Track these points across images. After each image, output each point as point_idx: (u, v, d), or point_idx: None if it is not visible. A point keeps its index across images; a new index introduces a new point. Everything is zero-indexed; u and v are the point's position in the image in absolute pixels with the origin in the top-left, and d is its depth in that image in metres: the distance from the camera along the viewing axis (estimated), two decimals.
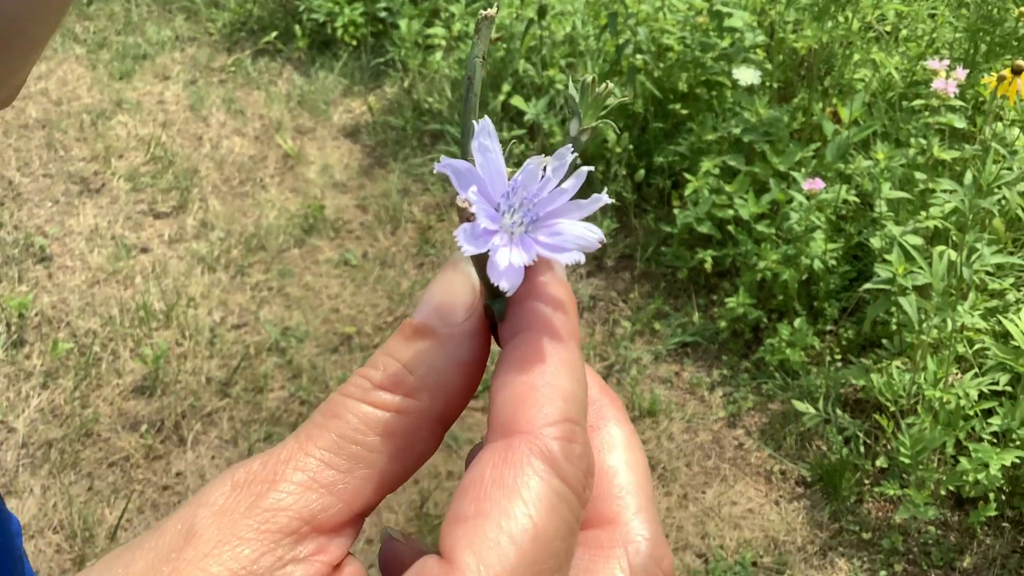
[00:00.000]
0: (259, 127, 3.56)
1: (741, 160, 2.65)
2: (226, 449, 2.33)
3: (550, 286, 0.32)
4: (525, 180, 0.32)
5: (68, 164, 3.32)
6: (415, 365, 0.32)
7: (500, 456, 0.28)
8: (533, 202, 0.32)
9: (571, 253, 0.31)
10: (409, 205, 3.16)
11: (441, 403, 0.32)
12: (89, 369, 2.51)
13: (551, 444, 0.28)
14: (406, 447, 0.31)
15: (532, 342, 0.31)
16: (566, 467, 0.28)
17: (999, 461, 1.88)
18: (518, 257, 0.30)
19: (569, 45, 3.20)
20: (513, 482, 0.28)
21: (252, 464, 0.30)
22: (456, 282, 0.33)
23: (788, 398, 2.36)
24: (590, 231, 0.32)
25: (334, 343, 2.64)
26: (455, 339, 0.32)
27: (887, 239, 2.25)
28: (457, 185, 0.31)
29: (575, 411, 0.30)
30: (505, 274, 0.30)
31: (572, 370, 0.30)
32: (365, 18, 3.89)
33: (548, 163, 0.32)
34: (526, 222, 0.32)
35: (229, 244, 2.97)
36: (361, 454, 0.30)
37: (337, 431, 0.30)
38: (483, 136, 0.32)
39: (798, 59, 2.83)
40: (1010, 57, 2.49)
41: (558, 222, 0.32)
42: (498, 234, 0.31)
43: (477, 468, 0.28)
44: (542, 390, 0.29)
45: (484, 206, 0.31)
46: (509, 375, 0.30)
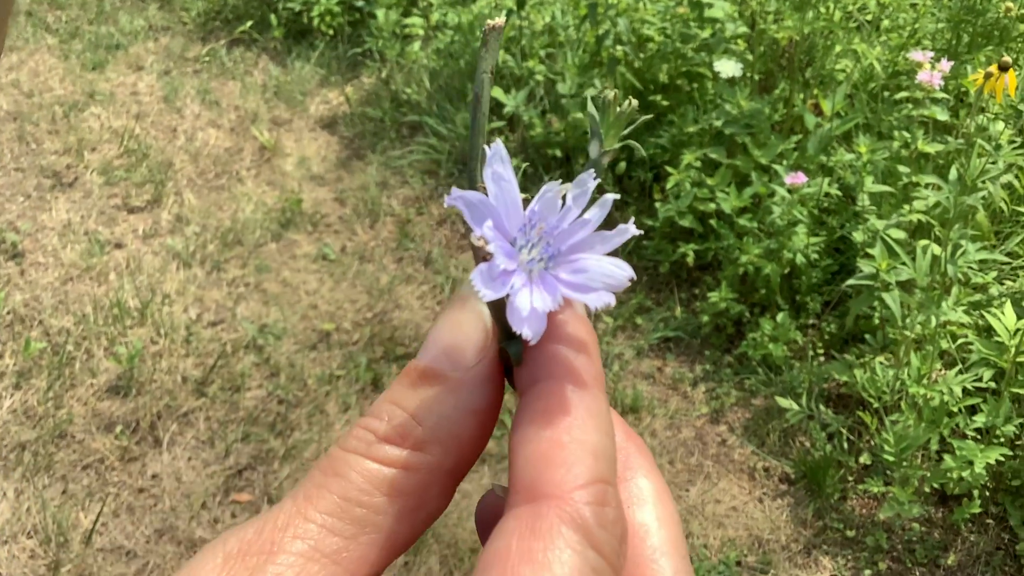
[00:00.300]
0: (235, 119, 3.51)
1: (723, 153, 2.62)
2: (203, 450, 2.30)
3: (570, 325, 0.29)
4: (543, 211, 0.29)
5: (40, 158, 3.26)
6: (423, 415, 0.29)
7: (527, 525, 0.25)
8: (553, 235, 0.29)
9: (599, 294, 0.28)
10: (388, 198, 3.12)
11: (453, 456, 0.29)
12: (63, 369, 2.47)
13: (583, 510, 0.26)
14: (416, 506, 0.29)
15: (555, 391, 0.28)
16: (600, 535, 0.26)
17: (984, 459, 1.87)
18: (540, 301, 0.28)
19: (549, 35, 3.17)
20: (544, 557, 0.25)
21: (246, 531, 0.27)
22: (466, 321, 0.30)
23: (771, 394, 2.34)
24: (618, 267, 0.29)
25: (312, 340, 2.61)
26: (467, 385, 0.29)
27: (870, 233, 2.24)
28: (471, 220, 0.28)
29: (606, 469, 0.27)
30: (528, 320, 0.27)
31: (600, 422, 0.28)
32: (342, 7, 3.84)
33: (568, 191, 0.29)
34: (546, 258, 0.29)
35: (205, 239, 2.92)
36: (367, 517, 0.28)
37: (339, 492, 0.28)
38: (496, 163, 0.29)
39: (779, 50, 2.80)
40: (992, 48, 2.48)
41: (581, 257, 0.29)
42: (516, 274, 0.28)
43: (502, 539, 0.26)
44: (569, 447, 0.27)
45: (501, 243, 0.28)
46: (532, 430, 0.27)
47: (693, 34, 2.76)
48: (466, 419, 0.29)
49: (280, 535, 0.27)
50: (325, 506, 0.28)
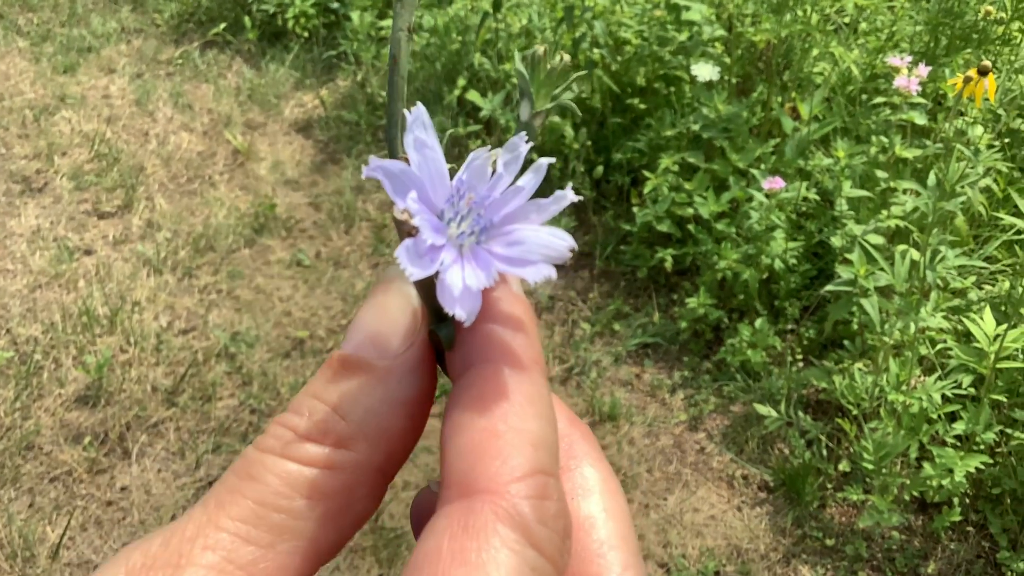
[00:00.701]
0: (207, 122, 3.47)
1: (700, 157, 2.60)
2: (173, 461, 2.25)
3: (505, 303, 0.26)
4: (472, 179, 0.26)
5: (9, 162, 3.21)
6: (347, 408, 0.26)
7: (459, 523, 0.23)
8: (484, 206, 0.27)
9: (538, 267, 0.25)
10: (363, 203, 3.08)
11: (381, 452, 0.26)
12: (30, 379, 2.42)
13: (521, 505, 0.23)
14: (341, 508, 0.26)
15: (491, 376, 0.25)
16: (540, 532, 0.23)
17: (964, 467, 1.85)
18: (474, 277, 0.25)
19: (526, 38, 3.14)
20: (478, 558, 0.22)
21: (151, 544, 0.24)
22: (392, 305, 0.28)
23: (750, 400, 2.32)
24: (557, 237, 0.26)
25: (286, 348, 2.57)
26: (394, 373, 0.27)
27: (848, 238, 2.22)
28: (391, 192, 0.26)
29: (546, 459, 0.24)
30: (460, 300, 0.24)
31: (540, 408, 0.25)
32: (316, 9, 3.80)
33: (498, 157, 0.27)
34: (477, 230, 0.26)
35: (176, 245, 2.88)
36: (285, 523, 0.25)
37: (255, 497, 0.25)
38: (417, 128, 0.26)
39: (757, 53, 2.78)
40: (971, 51, 2.47)
41: (516, 228, 0.27)
42: (446, 249, 0.26)
43: (432, 539, 0.23)
44: (506, 436, 0.24)
45: (427, 216, 0.26)
46: (465, 418, 0.25)
47: (670, 37, 2.74)
48: (395, 411, 0.27)
49: (189, 546, 0.24)
50: (239, 513, 0.25)
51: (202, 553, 0.24)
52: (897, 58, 2.06)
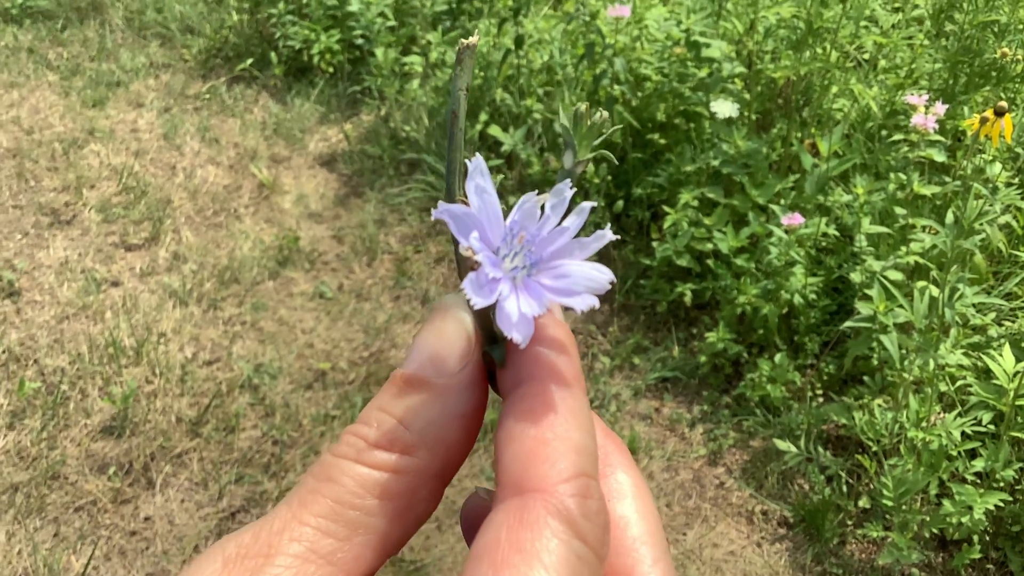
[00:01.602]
0: (234, 156, 3.52)
1: (720, 192, 2.62)
2: (196, 492, 2.28)
3: (550, 328, 0.30)
4: (523, 220, 0.30)
5: (39, 195, 3.26)
6: (411, 420, 0.30)
7: (515, 517, 0.27)
8: (534, 243, 0.30)
9: (583, 297, 0.29)
10: (386, 236, 3.12)
11: (440, 459, 0.30)
12: (57, 409, 2.46)
13: (568, 502, 0.27)
14: (406, 508, 0.30)
15: (539, 391, 0.29)
16: (584, 526, 0.27)
17: (983, 504, 1.85)
18: (528, 306, 0.29)
19: (547, 74, 3.17)
20: (532, 546, 0.26)
21: (243, 536, 0.28)
22: (449, 329, 0.31)
23: (769, 435, 2.33)
24: (599, 272, 0.30)
25: (308, 379, 2.59)
26: (452, 390, 0.30)
27: (867, 274, 2.23)
28: (456, 232, 0.29)
29: (588, 464, 0.28)
30: (517, 325, 0.28)
31: (582, 420, 0.29)
32: (342, 45, 3.86)
33: (546, 200, 0.30)
34: (528, 265, 0.30)
35: (202, 277, 2.92)
36: (359, 519, 0.29)
37: (332, 496, 0.29)
38: (477, 176, 0.30)
39: (776, 89, 2.81)
40: (990, 89, 2.48)
41: (563, 263, 0.30)
42: (503, 281, 0.29)
43: (491, 530, 0.27)
44: (553, 444, 0.28)
45: (487, 252, 0.29)
46: (518, 428, 0.28)
47: (690, 74, 2.77)
48: (452, 423, 0.30)
49: (277, 538, 0.28)
50: (319, 510, 0.28)
51: (289, 544, 0.28)
52: (915, 96, 2.08)
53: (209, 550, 0.28)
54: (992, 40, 2.49)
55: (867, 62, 2.86)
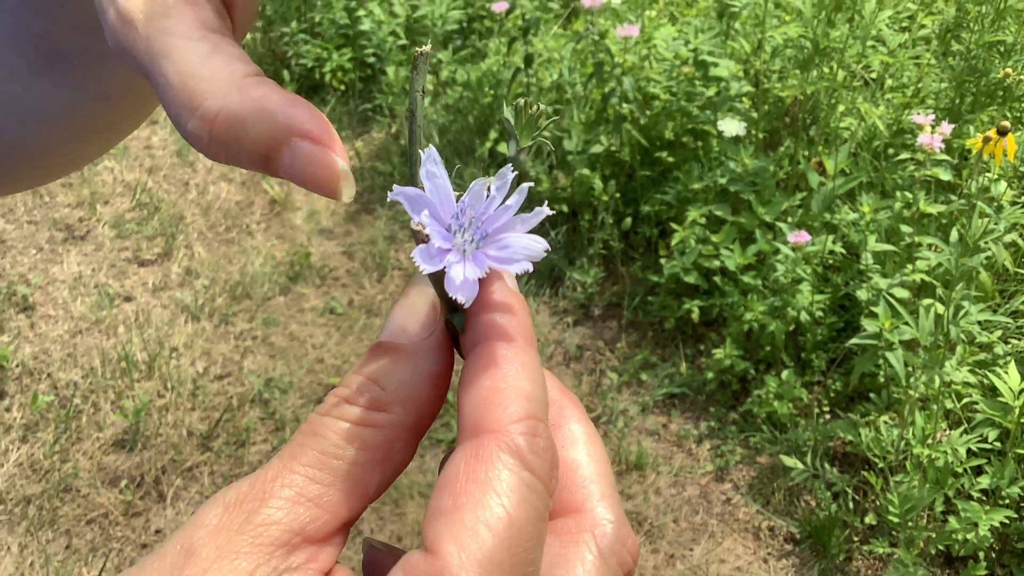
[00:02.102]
0: (246, 172, 3.55)
1: (727, 210, 2.64)
2: None
3: (498, 293, 0.34)
4: (472, 200, 0.34)
5: (53, 211, 3.30)
6: (386, 381, 0.34)
7: (472, 454, 0.30)
8: (481, 220, 0.34)
9: (520, 263, 0.33)
10: (396, 252, 3.15)
11: (413, 415, 0.34)
12: (69, 422, 2.48)
13: (517, 439, 0.31)
14: (383, 458, 0.33)
15: (492, 349, 0.33)
16: (532, 459, 0.30)
17: (988, 521, 1.86)
18: (472, 271, 0.33)
19: (556, 92, 3.20)
20: (485, 476, 0.30)
21: (241, 485, 0.32)
22: (417, 301, 0.35)
23: (776, 452, 2.34)
24: (535, 242, 0.34)
25: (318, 394, 2.61)
26: (421, 353, 0.34)
27: (874, 291, 2.24)
28: (410, 210, 0.34)
29: (537, 409, 0.32)
30: (461, 288, 0.32)
31: (531, 372, 0.33)
32: (353, 63, 3.90)
33: (492, 183, 0.35)
34: (477, 239, 0.34)
35: (214, 292, 2.95)
36: (342, 468, 0.32)
37: (318, 448, 0.32)
38: (430, 164, 0.34)
39: (783, 108, 2.83)
40: (996, 108, 2.50)
41: (505, 236, 0.34)
42: (452, 252, 0.33)
43: (452, 466, 0.30)
44: (505, 392, 0.32)
45: (437, 228, 0.33)
46: (474, 380, 0.32)
47: (698, 92, 2.79)
48: (422, 382, 0.34)
49: (270, 485, 0.31)
50: (307, 460, 0.32)
51: (281, 489, 0.31)
52: (921, 115, 2.10)
53: (212, 498, 0.32)
54: (998, 60, 2.51)
55: (874, 81, 2.88)
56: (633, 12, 3.17)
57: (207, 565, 0.30)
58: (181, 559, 0.30)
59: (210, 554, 0.30)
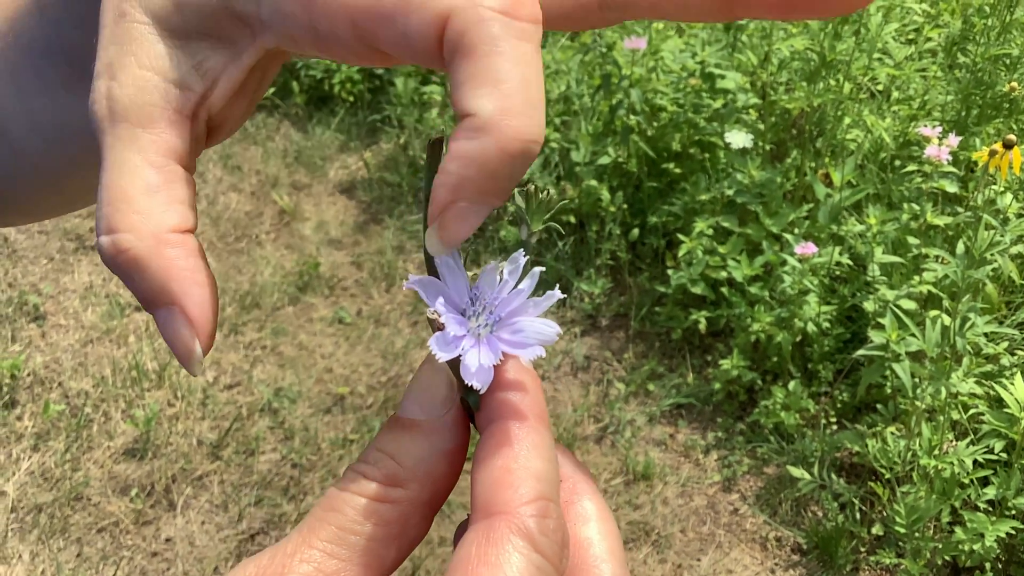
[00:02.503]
0: (255, 183, 3.57)
1: (734, 221, 2.65)
2: (216, 514, 2.31)
3: (511, 373, 0.35)
4: (485, 285, 0.35)
5: (64, 220, 3.32)
6: (403, 457, 0.34)
7: (483, 535, 0.31)
8: (494, 304, 0.35)
9: (532, 348, 0.34)
10: (404, 262, 3.16)
11: (429, 490, 0.35)
12: (80, 431, 2.50)
13: (528, 522, 0.31)
14: (399, 533, 0.34)
15: (504, 429, 0.33)
16: (542, 541, 0.31)
17: (994, 532, 1.86)
18: (486, 358, 0.33)
19: (564, 104, 3.22)
20: (496, 559, 0.30)
21: (262, 559, 0.33)
22: (434, 380, 0.36)
23: (783, 462, 2.34)
24: (548, 326, 0.35)
25: (327, 404, 2.63)
26: (437, 430, 0.35)
27: (880, 303, 2.25)
28: (425, 298, 0.34)
29: (548, 489, 0.32)
30: (476, 375, 0.33)
31: (542, 451, 0.33)
32: (362, 75, 3.92)
33: (504, 267, 0.35)
34: (491, 323, 0.35)
35: (223, 302, 2.97)
36: (359, 543, 0.33)
37: (336, 523, 0.33)
38: None
39: (790, 120, 2.84)
40: (1002, 120, 2.51)
41: (518, 320, 0.35)
42: (466, 338, 0.34)
43: (464, 548, 0.31)
44: (516, 472, 0.32)
45: (452, 315, 0.34)
46: (486, 460, 0.33)
47: (705, 104, 2.81)
48: (439, 458, 0.35)
49: (290, 560, 0.32)
50: (325, 535, 0.33)
51: (300, 564, 0.32)
52: (927, 128, 2.11)
53: (235, 570, 0.32)
54: (1004, 73, 2.52)
55: (880, 93, 2.90)
56: (640, 24, 3.19)
57: None
58: None
59: None
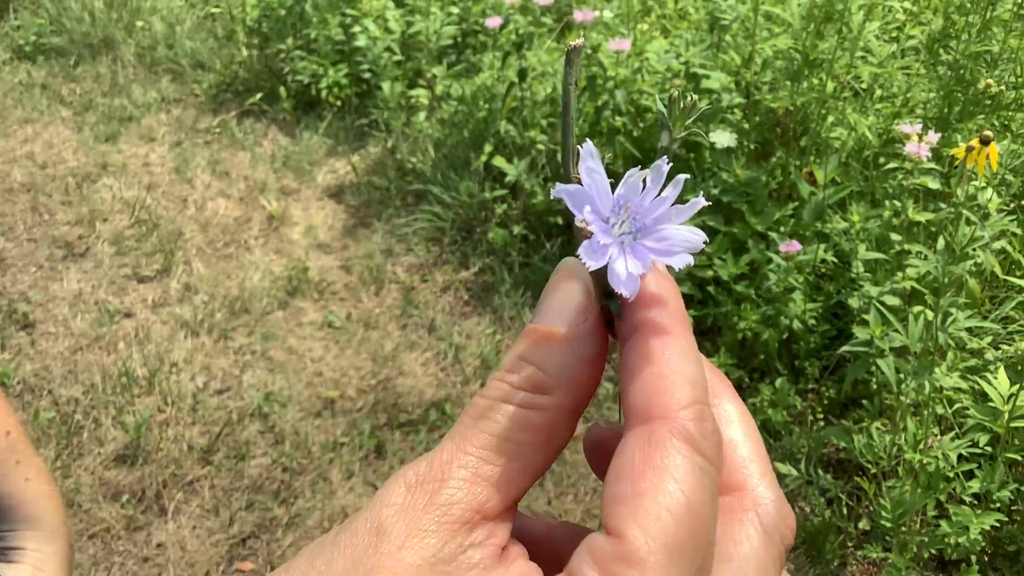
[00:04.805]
0: (244, 188, 3.58)
1: (720, 220, 2.67)
2: (207, 519, 2.32)
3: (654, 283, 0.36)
4: (628, 193, 0.35)
5: (52, 228, 3.33)
6: (547, 365, 0.35)
7: (645, 440, 0.32)
8: (638, 212, 0.35)
9: (680, 256, 0.34)
10: (393, 266, 3.17)
11: (573, 397, 0.36)
12: (71, 438, 2.51)
13: (688, 425, 0.32)
14: (548, 439, 0.35)
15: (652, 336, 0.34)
16: (703, 444, 0.32)
17: (979, 525, 1.88)
18: (635, 266, 0.34)
19: (550, 106, 3.24)
20: (661, 462, 0.32)
21: (419, 466, 0.34)
22: (571, 287, 0.37)
23: (772, 459, 2.36)
24: (694, 233, 0.35)
25: (317, 407, 2.64)
26: (579, 338, 0.36)
27: (865, 299, 2.27)
28: (572, 207, 0.34)
29: (701, 393, 0.34)
30: (626, 283, 0.33)
31: (691, 356, 0.35)
32: (349, 79, 3.93)
33: (647, 175, 0.35)
34: (635, 231, 0.35)
35: (213, 307, 2.97)
36: (512, 449, 0.34)
37: (489, 431, 0.34)
38: (588, 159, 0.35)
39: (775, 119, 2.86)
40: (984, 117, 2.53)
41: (663, 228, 0.35)
42: (613, 245, 0.34)
43: (626, 453, 0.32)
44: (670, 378, 0.33)
45: (598, 223, 0.34)
46: (637, 366, 0.34)
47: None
48: (581, 366, 0.36)
49: (448, 466, 0.34)
50: (479, 442, 0.34)
51: (458, 470, 0.34)
52: (907, 125, 2.13)
53: (392, 479, 0.34)
54: (985, 70, 2.54)
55: (864, 91, 2.92)
56: (625, 26, 3.21)
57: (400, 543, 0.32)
58: (374, 537, 0.32)
59: (401, 532, 0.32)
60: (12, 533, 0.82)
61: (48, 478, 0.86)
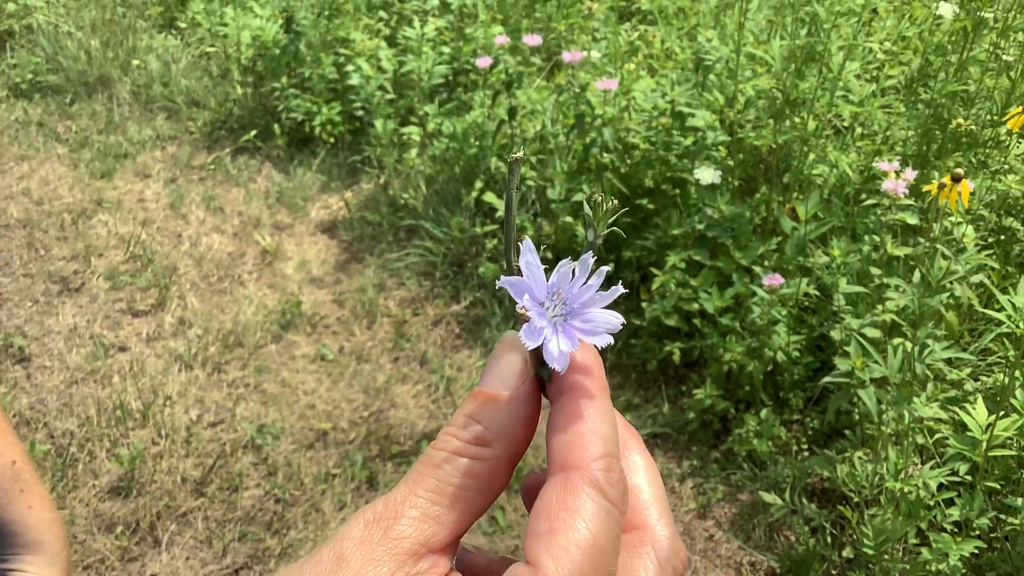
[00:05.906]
0: (238, 224, 3.63)
1: (706, 255, 2.73)
2: (200, 550, 2.35)
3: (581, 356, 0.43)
4: (559, 281, 0.42)
5: (48, 263, 3.37)
6: (488, 422, 0.42)
7: (561, 486, 0.39)
8: (568, 297, 0.43)
9: (602, 336, 0.42)
10: (385, 300, 3.22)
11: (510, 449, 0.42)
12: (66, 470, 2.53)
13: (598, 474, 0.39)
14: (487, 485, 0.42)
15: (575, 400, 0.42)
16: (609, 490, 0.39)
17: (959, 551, 1.92)
18: (565, 345, 0.41)
19: (539, 143, 3.30)
20: (573, 504, 0.38)
21: (377, 506, 0.41)
22: (511, 358, 0.44)
23: (757, 488, 2.40)
24: (614, 317, 0.42)
25: (310, 439, 2.67)
26: (516, 400, 0.43)
27: (847, 331, 2.32)
28: (514, 295, 0.42)
29: (612, 448, 0.41)
30: (558, 359, 0.41)
31: (605, 417, 0.42)
32: (342, 117, 4.00)
33: (576, 267, 0.43)
34: (565, 314, 0.42)
35: (207, 341, 3.01)
36: (456, 493, 0.41)
37: (436, 476, 0.41)
38: (527, 253, 0.43)
39: (758, 156, 2.93)
40: (961, 154, 2.60)
41: (588, 311, 0.43)
42: (547, 327, 0.42)
43: (545, 496, 0.39)
44: (586, 435, 0.40)
45: (536, 309, 0.42)
46: (561, 424, 0.41)
47: (676, 142, 2.89)
48: (517, 423, 0.42)
49: (400, 506, 0.40)
50: (427, 486, 0.41)
51: (409, 510, 0.40)
52: (885, 163, 2.19)
53: (353, 516, 0.40)
54: (961, 108, 2.62)
55: (845, 129, 2.99)
56: (612, 65, 3.29)
57: (356, 569, 0.38)
58: (334, 565, 0.38)
59: (358, 561, 0.38)
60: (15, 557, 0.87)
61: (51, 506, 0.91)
